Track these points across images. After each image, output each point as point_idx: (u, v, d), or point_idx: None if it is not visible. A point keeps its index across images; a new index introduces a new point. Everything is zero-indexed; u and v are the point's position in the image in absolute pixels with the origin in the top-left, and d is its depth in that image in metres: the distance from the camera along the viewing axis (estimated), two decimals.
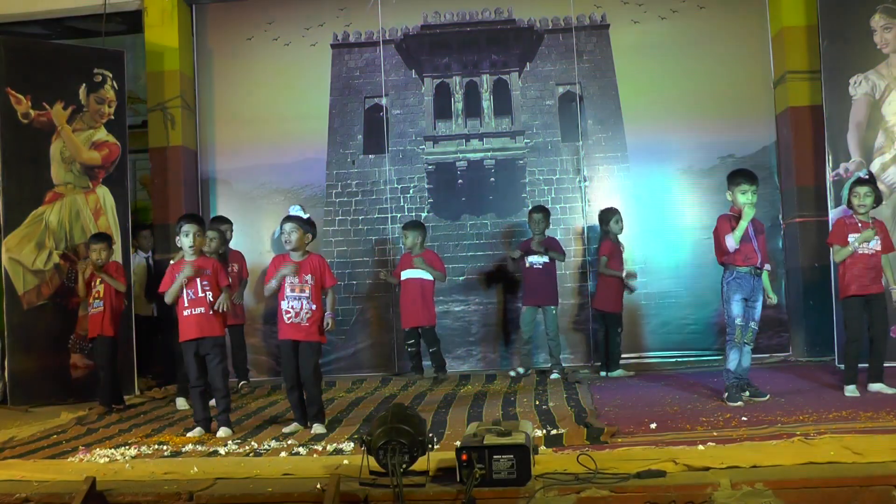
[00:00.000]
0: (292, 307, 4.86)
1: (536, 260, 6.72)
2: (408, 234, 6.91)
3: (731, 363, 5.01)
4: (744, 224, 4.90)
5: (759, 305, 5.01)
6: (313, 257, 5.00)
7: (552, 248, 6.76)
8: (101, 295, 6.05)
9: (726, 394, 4.98)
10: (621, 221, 6.74)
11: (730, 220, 5.01)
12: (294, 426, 4.90)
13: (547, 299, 6.74)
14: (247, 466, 3.87)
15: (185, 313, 4.93)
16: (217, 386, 5.00)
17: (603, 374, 6.64)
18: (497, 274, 7.50)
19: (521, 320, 6.82)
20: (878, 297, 5.22)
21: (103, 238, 6.22)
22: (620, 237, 6.81)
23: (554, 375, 6.55)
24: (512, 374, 6.71)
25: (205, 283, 4.94)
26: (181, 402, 5.98)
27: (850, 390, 5.10)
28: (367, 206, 7.73)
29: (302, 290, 4.87)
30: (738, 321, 4.98)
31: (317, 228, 5.17)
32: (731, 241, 4.92)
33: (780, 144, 7.35)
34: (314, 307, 4.89)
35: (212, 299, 4.94)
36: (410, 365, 7.05)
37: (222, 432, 4.84)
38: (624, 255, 6.85)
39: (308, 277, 4.89)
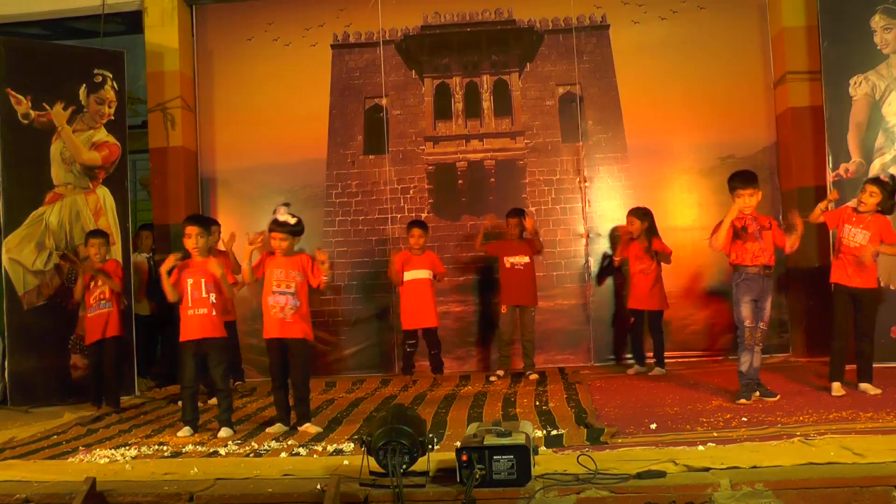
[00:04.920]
0: (277, 302, 4.89)
1: (518, 260, 6.72)
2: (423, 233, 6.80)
3: (743, 365, 5.02)
4: (726, 222, 4.92)
5: (767, 306, 5.00)
6: (302, 256, 5.03)
7: (534, 246, 6.77)
8: (108, 296, 6.10)
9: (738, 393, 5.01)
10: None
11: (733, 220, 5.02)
12: (278, 426, 4.93)
13: (528, 299, 6.77)
14: (247, 467, 3.87)
15: (189, 313, 4.96)
16: (219, 386, 5.04)
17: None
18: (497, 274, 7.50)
19: (503, 321, 6.79)
20: (865, 292, 5.19)
21: (101, 234, 6.26)
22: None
23: (532, 375, 6.60)
24: (493, 378, 6.62)
25: (209, 283, 5.00)
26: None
27: (835, 388, 5.10)
28: (368, 206, 7.73)
29: (288, 286, 4.90)
30: (746, 323, 4.99)
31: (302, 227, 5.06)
32: (713, 242, 4.98)
33: (780, 145, 7.35)
34: (299, 304, 4.92)
35: (215, 300, 4.99)
36: (402, 365, 6.99)
37: (224, 432, 4.85)
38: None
39: (295, 274, 4.92)
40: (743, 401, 4.92)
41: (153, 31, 7.63)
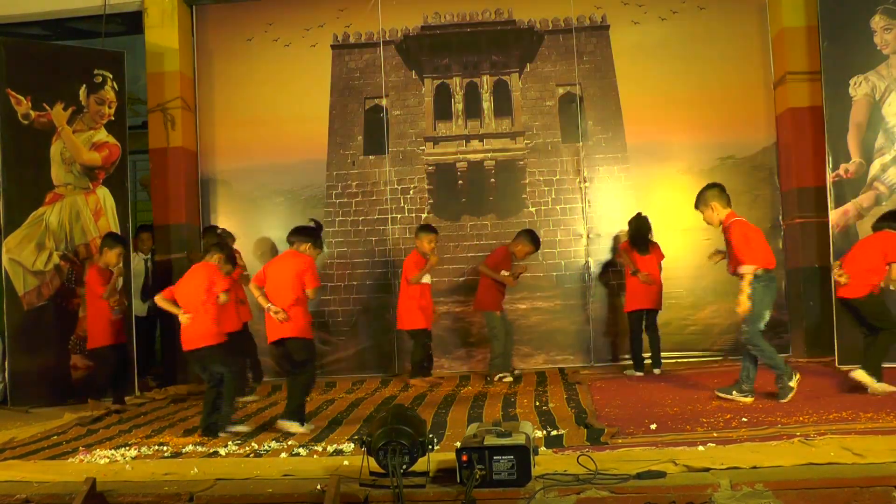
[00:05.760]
0: None
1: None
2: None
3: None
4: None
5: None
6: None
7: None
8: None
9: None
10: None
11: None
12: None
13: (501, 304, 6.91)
14: (247, 467, 3.87)
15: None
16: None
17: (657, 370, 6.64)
18: None
19: (501, 324, 6.75)
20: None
21: (125, 242, 6.50)
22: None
23: (516, 372, 6.73)
24: (516, 372, 6.72)
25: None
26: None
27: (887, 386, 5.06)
28: (368, 206, 7.73)
29: None
30: None
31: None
32: None
33: (780, 145, 7.36)
34: None
35: None
36: (424, 365, 6.84)
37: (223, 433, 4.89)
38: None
39: None
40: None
41: (153, 31, 7.63)
